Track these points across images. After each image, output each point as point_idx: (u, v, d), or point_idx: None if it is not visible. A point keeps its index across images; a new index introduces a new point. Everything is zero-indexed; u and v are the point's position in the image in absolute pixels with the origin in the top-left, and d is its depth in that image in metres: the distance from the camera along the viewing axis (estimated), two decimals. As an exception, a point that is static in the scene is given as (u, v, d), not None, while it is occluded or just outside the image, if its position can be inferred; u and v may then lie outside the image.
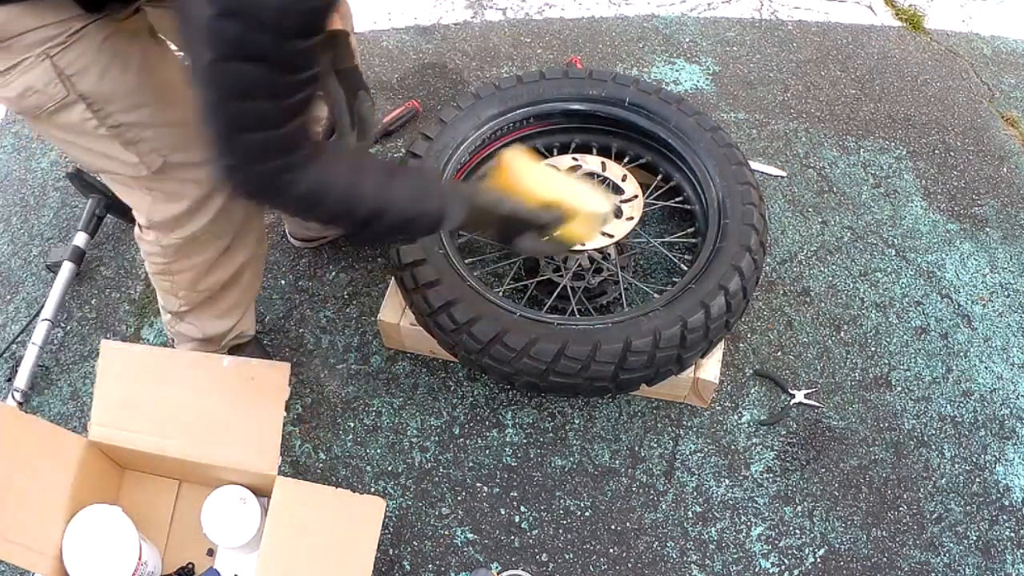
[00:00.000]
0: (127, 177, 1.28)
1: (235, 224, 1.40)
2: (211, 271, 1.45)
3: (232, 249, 1.44)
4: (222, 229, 1.38)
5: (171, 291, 1.49)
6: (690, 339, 1.48)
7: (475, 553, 1.56)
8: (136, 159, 1.23)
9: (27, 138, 2.30)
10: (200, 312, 1.55)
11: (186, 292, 1.48)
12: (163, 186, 1.29)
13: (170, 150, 1.24)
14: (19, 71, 1.10)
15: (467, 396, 1.74)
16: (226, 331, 1.61)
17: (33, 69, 1.10)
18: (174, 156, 1.25)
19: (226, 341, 1.65)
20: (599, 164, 1.72)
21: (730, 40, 2.47)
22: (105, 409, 1.43)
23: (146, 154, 1.23)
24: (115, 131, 1.19)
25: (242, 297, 1.58)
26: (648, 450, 1.67)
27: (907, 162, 2.16)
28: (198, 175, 1.28)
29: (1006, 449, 1.68)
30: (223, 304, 1.56)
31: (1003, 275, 1.94)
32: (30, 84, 1.11)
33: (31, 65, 1.10)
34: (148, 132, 1.21)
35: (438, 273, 1.53)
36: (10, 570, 1.48)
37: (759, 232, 1.61)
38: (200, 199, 1.31)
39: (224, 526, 1.39)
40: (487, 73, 2.37)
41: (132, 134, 1.20)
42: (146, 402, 1.43)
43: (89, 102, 1.15)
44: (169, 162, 1.25)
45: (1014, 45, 2.50)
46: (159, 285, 1.50)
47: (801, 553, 1.55)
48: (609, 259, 1.80)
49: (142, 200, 1.32)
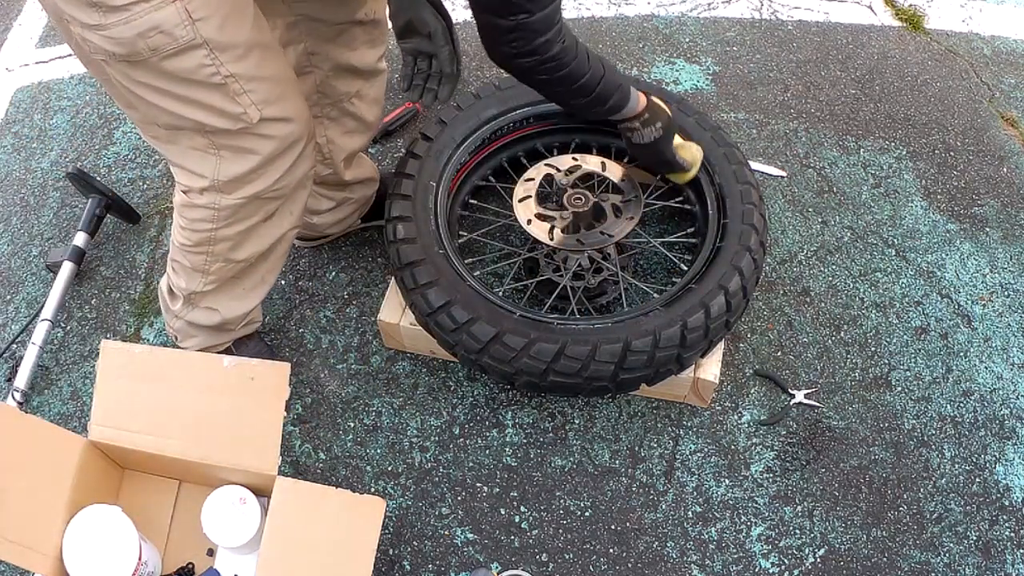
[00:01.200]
0: (202, 135, 1.28)
1: (291, 186, 1.42)
2: (252, 238, 1.47)
3: (277, 215, 1.46)
4: (281, 190, 1.40)
5: (203, 266, 1.49)
6: (690, 339, 1.48)
7: (475, 553, 1.56)
8: (241, 110, 1.25)
9: (27, 138, 2.30)
10: (224, 290, 1.55)
11: (220, 265, 1.49)
12: (242, 143, 1.30)
13: (266, 105, 1.27)
14: (148, 8, 1.11)
15: (467, 396, 1.75)
16: (244, 313, 1.62)
17: (163, 8, 1.11)
18: (268, 110, 1.28)
19: (239, 327, 1.66)
20: (599, 164, 1.72)
21: (730, 40, 2.47)
22: (105, 409, 1.43)
23: (249, 106, 1.25)
24: (227, 79, 1.21)
25: (267, 275, 1.59)
26: (648, 450, 1.67)
27: (907, 162, 2.16)
28: (280, 131, 1.32)
29: (1006, 449, 1.68)
30: (248, 282, 1.57)
31: (1003, 275, 1.94)
32: (158, 23, 1.12)
33: (161, 4, 1.11)
34: (252, 84, 1.24)
35: (438, 273, 1.53)
36: (10, 570, 1.48)
37: (759, 232, 1.61)
38: (272, 155, 1.34)
39: (224, 526, 1.39)
40: (487, 73, 2.37)
41: (239, 85, 1.23)
42: (146, 402, 1.43)
43: (210, 48, 1.17)
44: (264, 116, 1.28)
45: (1014, 45, 2.50)
46: (189, 261, 1.49)
47: (801, 553, 1.55)
48: (609, 259, 1.80)
49: (205, 161, 1.33)
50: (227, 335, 1.67)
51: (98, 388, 1.44)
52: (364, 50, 1.56)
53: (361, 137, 1.70)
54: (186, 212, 1.42)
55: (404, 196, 1.64)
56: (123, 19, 1.11)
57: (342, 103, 1.61)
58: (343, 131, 1.65)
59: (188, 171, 1.36)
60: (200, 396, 1.42)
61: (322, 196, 1.77)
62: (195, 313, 1.59)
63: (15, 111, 2.37)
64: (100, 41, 1.15)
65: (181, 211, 1.43)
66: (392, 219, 1.62)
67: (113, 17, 1.11)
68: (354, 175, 1.76)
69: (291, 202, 1.46)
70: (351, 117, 1.64)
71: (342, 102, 1.61)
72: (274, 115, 1.29)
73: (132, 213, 2.04)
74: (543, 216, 1.64)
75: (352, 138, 1.68)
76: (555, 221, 1.63)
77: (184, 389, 1.43)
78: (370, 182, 1.83)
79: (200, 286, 1.53)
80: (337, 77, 1.57)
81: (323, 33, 1.49)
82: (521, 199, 1.67)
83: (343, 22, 1.49)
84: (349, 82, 1.59)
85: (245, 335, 1.71)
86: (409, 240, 1.57)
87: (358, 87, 1.61)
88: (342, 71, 1.56)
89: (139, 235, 2.05)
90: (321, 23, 1.47)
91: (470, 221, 1.91)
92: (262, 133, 1.30)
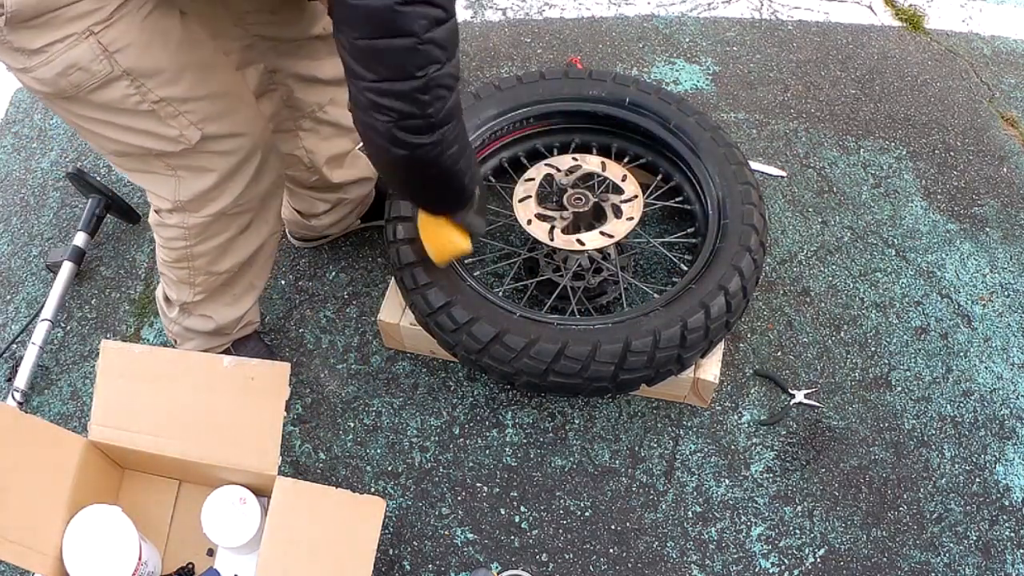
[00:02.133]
0: (155, 158, 1.28)
1: (258, 198, 1.42)
2: (230, 251, 1.47)
3: (252, 226, 1.46)
4: (247, 204, 1.40)
5: (187, 279, 1.50)
6: (690, 339, 1.48)
7: (475, 553, 1.56)
8: (177, 132, 1.24)
9: (27, 138, 2.30)
10: (214, 298, 1.56)
11: (204, 277, 1.49)
12: (193, 162, 1.30)
13: (206, 123, 1.26)
14: (62, 48, 1.11)
15: (467, 396, 1.75)
16: (238, 318, 1.62)
17: (77, 46, 1.11)
18: (209, 128, 1.27)
19: (236, 330, 1.67)
20: (599, 164, 1.72)
21: (730, 40, 2.47)
22: (105, 409, 1.43)
23: (186, 127, 1.25)
24: (156, 106, 1.21)
25: (256, 280, 1.59)
26: (648, 450, 1.67)
27: (907, 162, 2.16)
28: (231, 146, 1.31)
29: (1006, 449, 1.68)
30: (237, 287, 1.57)
31: (1003, 275, 1.94)
32: (74, 61, 1.12)
33: (75, 42, 1.11)
34: (187, 105, 1.23)
35: (438, 273, 1.53)
36: (10, 570, 1.48)
37: (759, 232, 1.61)
38: (229, 171, 1.33)
39: (224, 526, 1.39)
40: (487, 73, 2.37)
41: (172, 108, 1.22)
42: (146, 402, 1.43)
43: (132, 78, 1.17)
44: (205, 135, 1.27)
45: (1014, 45, 2.50)
46: (174, 275, 1.50)
47: (801, 553, 1.55)
48: (609, 259, 1.80)
49: (166, 183, 1.33)
50: (224, 338, 1.68)
51: (98, 388, 1.44)
52: (328, 60, 1.52)
53: (343, 140, 1.67)
54: (160, 231, 1.43)
55: (404, 196, 1.65)
56: (42, 60, 1.12)
57: (315, 114, 1.59)
58: (321, 138, 1.63)
59: (153, 193, 1.37)
60: (200, 396, 1.42)
61: (316, 199, 1.76)
62: (191, 320, 1.60)
63: (15, 111, 2.37)
64: (30, 82, 1.17)
65: (156, 230, 1.44)
66: (392, 219, 1.62)
67: (35, 60, 1.12)
68: (345, 176, 1.75)
69: (263, 211, 1.46)
70: (326, 124, 1.62)
71: (314, 112, 1.59)
72: (219, 132, 1.28)
73: (132, 213, 2.04)
74: (543, 216, 1.64)
75: (332, 143, 1.66)
76: (555, 221, 1.63)
77: (184, 389, 1.43)
78: (364, 181, 1.82)
79: (190, 296, 1.54)
80: (303, 90, 1.54)
81: (281, 50, 1.47)
82: (521, 199, 1.67)
83: (301, 38, 1.47)
84: (318, 92, 1.56)
85: (244, 335, 1.71)
86: (409, 240, 1.57)
87: (330, 95, 1.58)
88: (307, 83, 1.53)
89: (139, 235, 2.05)
90: (278, 41, 1.45)
91: (470, 221, 1.91)
92: (212, 150, 1.30)
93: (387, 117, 1.08)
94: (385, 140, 1.12)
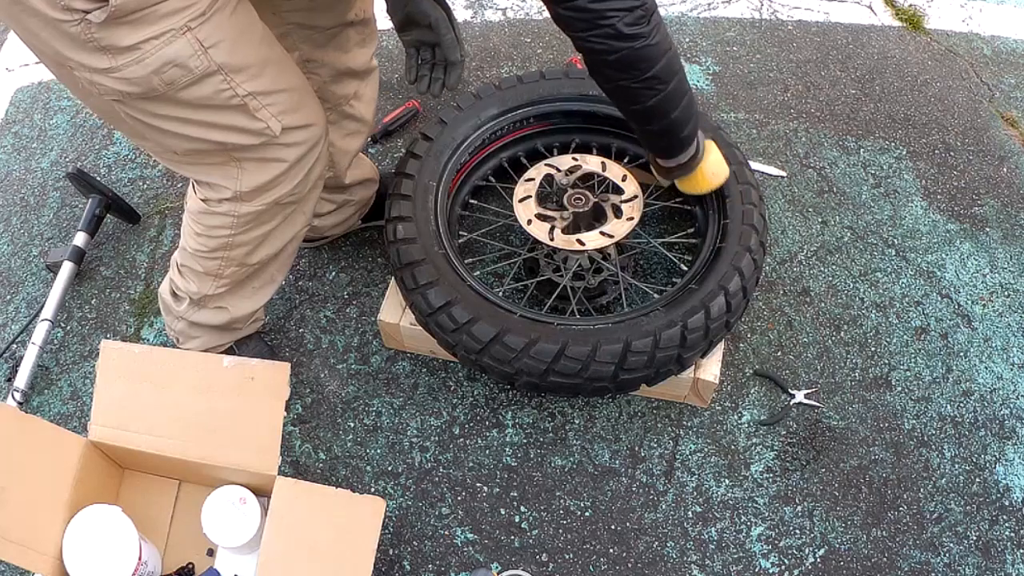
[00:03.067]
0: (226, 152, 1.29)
1: (306, 189, 1.43)
2: (267, 241, 1.47)
3: (291, 217, 1.47)
4: (298, 194, 1.41)
5: (216, 270, 1.49)
6: (690, 339, 1.48)
7: (475, 553, 1.56)
8: (263, 124, 1.26)
9: (27, 138, 2.30)
10: (235, 291, 1.56)
11: (235, 269, 1.49)
12: (268, 154, 1.31)
13: (286, 115, 1.28)
14: (159, 44, 1.10)
15: (467, 396, 1.75)
16: (252, 312, 1.63)
17: (175, 41, 1.11)
18: (288, 119, 1.29)
19: (246, 326, 1.67)
20: (599, 164, 1.72)
21: (730, 40, 2.47)
22: (105, 409, 1.43)
23: (270, 119, 1.26)
24: (246, 99, 1.22)
25: (277, 273, 1.60)
26: (648, 450, 1.67)
27: (907, 162, 2.16)
28: (303, 136, 1.33)
29: (1006, 449, 1.68)
30: (258, 281, 1.57)
31: (1003, 275, 1.94)
32: (172, 57, 1.12)
33: (172, 38, 1.10)
34: (270, 98, 1.25)
35: (438, 273, 1.53)
36: (10, 570, 1.48)
37: (759, 232, 1.61)
38: (295, 162, 1.34)
39: (224, 526, 1.39)
40: (487, 73, 2.37)
41: (258, 101, 1.24)
42: (146, 402, 1.43)
43: (226, 72, 1.18)
44: (285, 126, 1.29)
45: (1014, 45, 2.50)
46: (201, 266, 1.49)
47: (801, 553, 1.55)
48: (609, 259, 1.80)
49: (229, 175, 1.33)
50: (232, 334, 1.67)
51: (98, 388, 1.44)
52: (357, 51, 1.56)
53: (360, 138, 1.70)
54: (204, 219, 1.41)
55: (404, 196, 1.65)
56: (135, 59, 1.11)
57: (341, 106, 1.61)
58: (344, 134, 1.65)
59: (208, 184, 1.36)
60: (200, 396, 1.42)
61: (323, 200, 1.77)
62: (201, 313, 1.59)
63: (15, 111, 2.37)
64: (112, 83, 1.14)
65: (198, 218, 1.42)
66: (392, 219, 1.62)
67: (124, 58, 1.10)
68: (353, 177, 1.76)
69: (305, 203, 1.47)
70: (350, 119, 1.64)
71: (341, 105, 1.61)
72: (295, 123, 1.31)
73: (132, 213, 2.04)
74: (543, 216, 1.64)
75: (352, 139, 1.68)
76: (555, 221, 1.63)
77: (184, 389, 1.43)
78: (369, 183, 1.84)
79: (211, 289, 1.53)
80: (335, 82, 1.57)
81: (316, 39, 1.49)
82: (521, 199, 1.67)
83: (335, 25, 1.49)
84: (346, 84, 1.59)
85: (247, 334, 1.71)
86: (409, 240, 1.57)
87: (355, 88, 1.62)
88: (339, 75, 1.57)
89: (139, 235, 2.05)
90: (313, 30, 1.47)
91: (470, 221, 1.91)
92: (286, 142, 1.31)
93: (610, 18, 1.18)
94: (613, 40, 1.20)
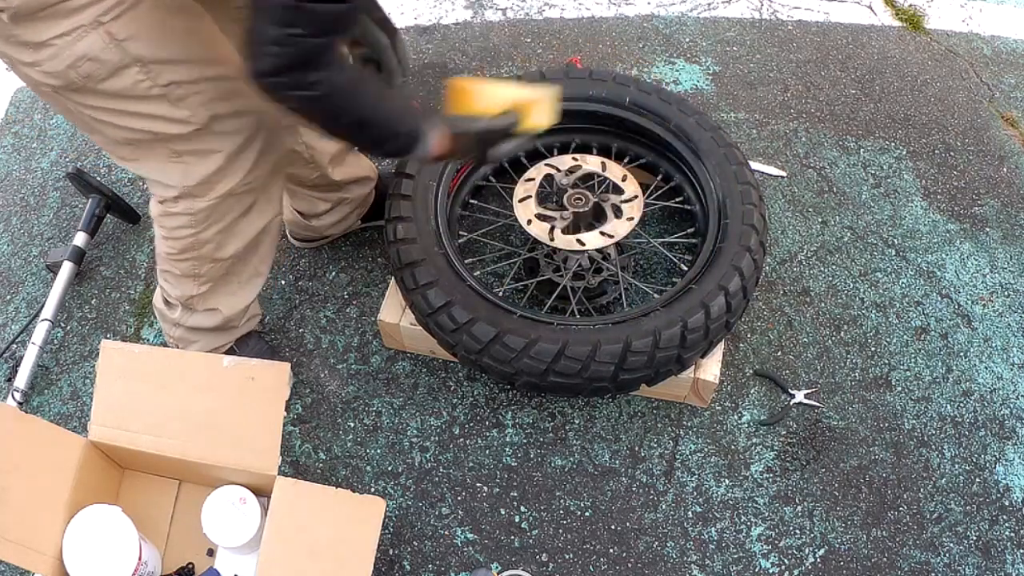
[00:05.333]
0: (161, 144, 1.29)
1: (261, 179, 1.42)
2: (235, 233, 1.47)
3: (256, 207, 1.47)
4: (253, 183, 1.41)
5: (192, 271, 1.50)
6: (690, 339, 1.48)
7: (475, 553, 1.56)
8: (187, 113, 1.26)
9: (27, 138, 2.30)
10: (219, 288, 1.56)
11: (210, 266, 1.50)
12: (201, 144, 1.31)
13: (214, 103, 1.28)
14: (69, 40, 1.12)
15: (467, 396, 1.75)
16: (244, 308, 1.63)
17: (86, 37, 1.12)
18: (218, 107, 1.28)
19: (243, 323, 1.67)
20: (599, 164, 1.72)
21: (730, 40, 2.47)
22: (105, 409, 1.43)
23: (195, 108, 1.26)
24: (166, 90, 1.22)
25: (260, 266, 1.60)
26: (648, 450, 1.67)
27: (907, 162, 2.16)
28: (236, 125, 1.32)
29: (1006, 449, 1.68)
30: (242, 275, 1.57)
31: (1003, 275, 1.94)
32: (84, 52, 1.13)
33: (83, 33, 1.12)
34: (195, 87, 1.25)
35: (438, 273, 1.53)
36: (10, 570, 1.48)
37: (759, 232, 1.61)
38: (235, 151, 1.34)
39: (224, 526, 1.39)
40: (487, 73, 2.37)
41: (182, 91, 1.23)
42: (146, 402, 1.43)
43: (142, 64, 1.18)
44: (213, 115, 1.28)
45: (1014, 45, 2.50)
46: (178, 269, 1.50)
47: (801, 553, 1.55)
48: (609, 259, 1.80)
49: (172, 170, 1.34)
50: (230, 334, 1.67)
51: (98, 388, 1.44)
52: None
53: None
54: (165, 221, 1.43)
55: (404, 196, 1.64)
56: (50, 54, 1.13)
57: None
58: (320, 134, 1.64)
59: (158, 183, 1.37)
60: (200, 396, 1.42)
61: (317, 199, 1.76)
62: (195, 317, 1.59)
63: (15, 111, 2.37)
64: (38, 76, 1.17)
65: (160, 221, 1.44)
66: (392, 219, 1.62)
67: (41, 53, 1.13)
68: (346, 175, 1.75)
69: (266, 193, 1.47)
70: None
71: None
72: (225, 111, 1.30)
73: (132, 213, 2.04)
74: (543, 216, 1.64)
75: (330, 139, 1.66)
76: (555, 221, 1.63)
77: (184, 389, 1.43)
78: (365, 181, 1.83)
79: (195, 290, 1.53)
80: None
81: None
82: (521, 199, 1.67)
83: None
84: None
85: (245, 334, 1.71)
86: (409, 240, 1.57)
87: None
88: None
89: (139, 235, 2.05)
90: None
91: (470, 221, 1.91)
92: (219, 131, 1.31)
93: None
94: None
